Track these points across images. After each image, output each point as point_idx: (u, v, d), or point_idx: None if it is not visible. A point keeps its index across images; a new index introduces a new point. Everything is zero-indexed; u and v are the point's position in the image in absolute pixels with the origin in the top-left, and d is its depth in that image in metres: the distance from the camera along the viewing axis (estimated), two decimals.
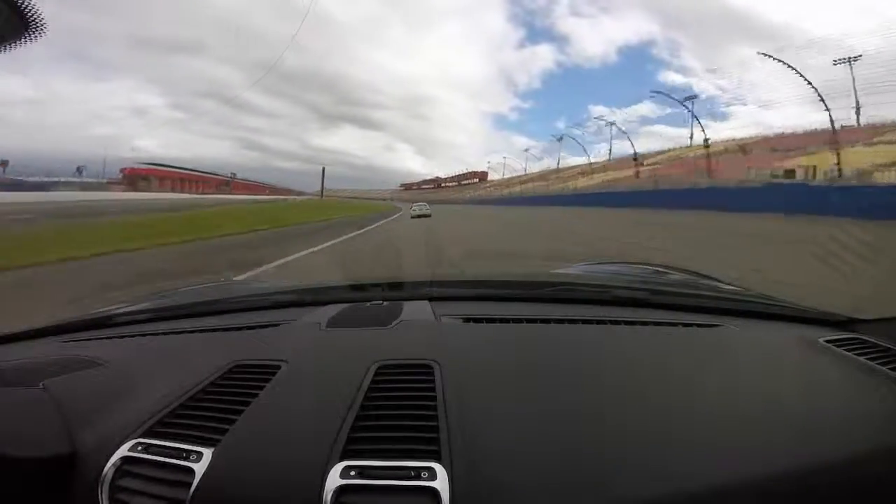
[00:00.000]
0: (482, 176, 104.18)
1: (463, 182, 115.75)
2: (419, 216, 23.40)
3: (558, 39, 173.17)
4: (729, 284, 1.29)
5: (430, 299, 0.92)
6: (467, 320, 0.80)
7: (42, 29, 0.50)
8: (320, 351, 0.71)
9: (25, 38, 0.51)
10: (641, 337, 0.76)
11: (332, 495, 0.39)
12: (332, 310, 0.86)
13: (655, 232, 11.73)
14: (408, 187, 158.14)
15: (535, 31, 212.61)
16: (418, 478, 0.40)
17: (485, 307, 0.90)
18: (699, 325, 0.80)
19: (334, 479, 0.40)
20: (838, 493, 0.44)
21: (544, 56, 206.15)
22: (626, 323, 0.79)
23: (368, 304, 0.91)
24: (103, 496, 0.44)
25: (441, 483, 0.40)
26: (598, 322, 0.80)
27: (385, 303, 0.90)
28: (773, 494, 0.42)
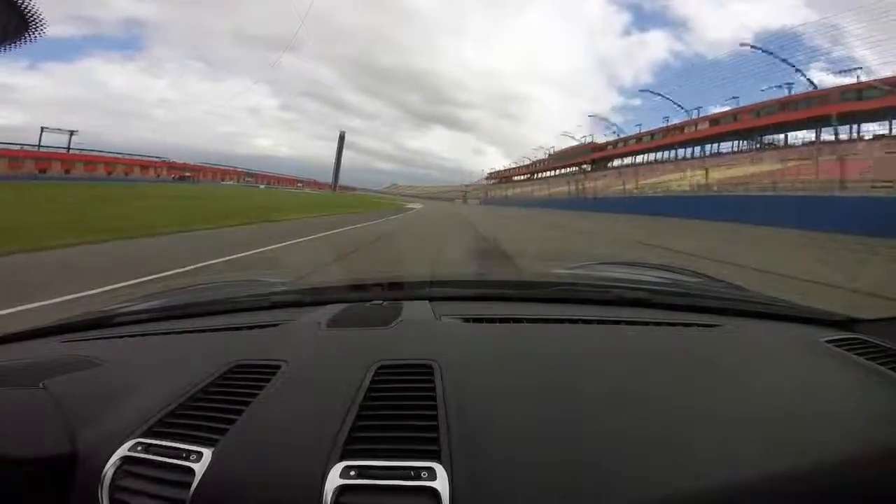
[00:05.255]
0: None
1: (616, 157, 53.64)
2: None
3: (674, 25, 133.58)
4: (729, 284, 1.29)
5: (430, 299, 0.92)
6: (467, 320, 0.80)
7: (41, 28, 0.50)
8: (320, 351, 0.71)
9: (25, 37, 0.51)
10: (641, 337, 0.76)
11: (332, 495, 0.39)
12: (332, 310, 0.86)
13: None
14: (504, 178, 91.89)
15: (644, 15, 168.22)
16: (418, 478, 0.40)
17: (485, 307, 0.90)
18: (699, 325, 0.80)
19: (334, 479, 0.40)
20: (839, 494, 0.44)
21: (655, 45, 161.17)
22: (626, 323, 0.79)
23: (368, 304, 0.91)
24: (103, 496, 0.44)
25: (441, 483, 0.40)
26: (598, 322, 0.80)
27: (385, 303, 0.90)
28: (773, 495, 0.42)
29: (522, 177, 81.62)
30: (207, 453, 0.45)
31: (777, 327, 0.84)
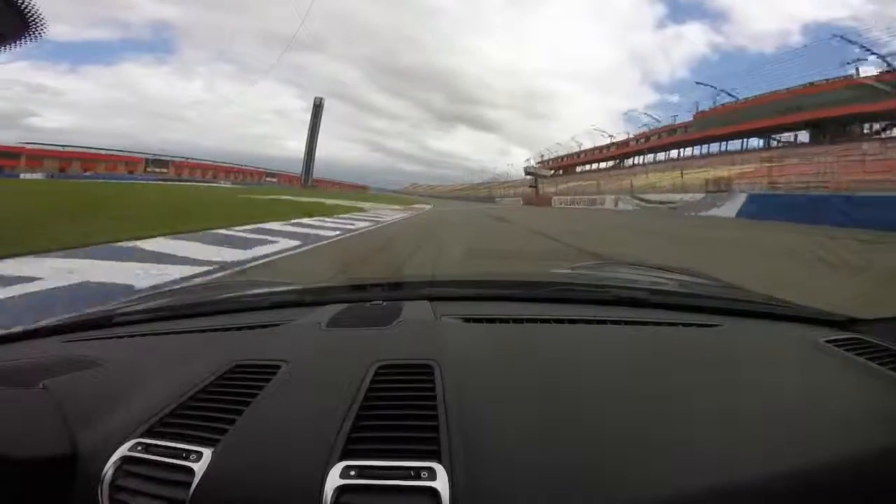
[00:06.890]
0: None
1: None
2: None
3: (712, 16, 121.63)
4: (729, 284, 1.29)
5: (430, 299, 0.92)
6: (467, 320, 0.80)
7: (42, 28, 0.50)
8: (320, 351, 0.71)
9: (25, 37, 0.51)
10: (641, 337, 0.76)
11: (332, 495, 0.39)
12: (333, 310, 0.86)
13: None
14: (565, 168, 57.86)
15: (679, 6, 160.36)
16: (418, 478, 0.40)
17: (485, 307, 0.90)
18: (699, 325, 0.80)
19: (334, 479, 0.40)
20: (838, 494, 0.44)
21: (692, 38, 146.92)
22: (626, 323, 0.79)
23: (369, 304, 0.91)
24: (103, 496, 0.44)
25: (441, 483, 0.40)
26: (598, 322, 0.80)
27: (385, 303, 0.90)
28: (773, 495, 0.42)
29: (602, 163, 52.26)
30: (207, 453, 0.45)
31: (777, 327, 0.84)
